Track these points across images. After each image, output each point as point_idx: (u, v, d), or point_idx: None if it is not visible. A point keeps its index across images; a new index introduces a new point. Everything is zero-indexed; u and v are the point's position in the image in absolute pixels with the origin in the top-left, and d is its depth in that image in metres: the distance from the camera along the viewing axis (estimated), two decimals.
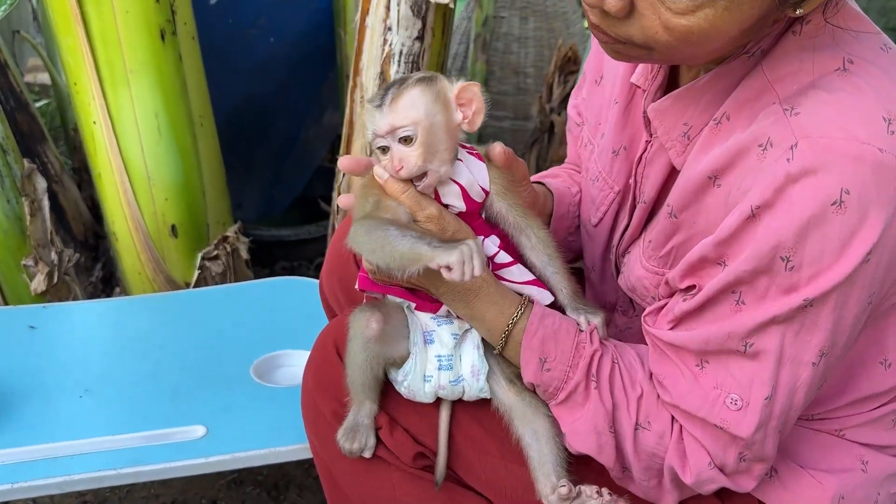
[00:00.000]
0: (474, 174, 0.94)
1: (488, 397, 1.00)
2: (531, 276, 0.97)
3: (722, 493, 0.95)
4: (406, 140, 0.88)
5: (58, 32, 1.94)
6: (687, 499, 0.97)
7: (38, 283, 2.02)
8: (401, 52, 1.72)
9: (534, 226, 0.98)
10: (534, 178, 1.24)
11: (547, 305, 0.98)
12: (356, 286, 1.03)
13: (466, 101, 0.91)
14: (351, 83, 1.84)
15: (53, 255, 2.06)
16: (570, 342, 0.93)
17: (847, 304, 0.80)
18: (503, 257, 0.96)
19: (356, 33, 1.78)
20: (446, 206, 0.94)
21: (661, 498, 0.95)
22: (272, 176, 2.75)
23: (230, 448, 1.30)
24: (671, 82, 0.98)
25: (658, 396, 0.92)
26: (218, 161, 2.27)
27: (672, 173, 0.96)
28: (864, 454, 0.98)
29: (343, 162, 1.00)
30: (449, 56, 1.97)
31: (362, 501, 1.08)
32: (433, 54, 1.76)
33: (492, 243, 0.96)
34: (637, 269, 0.99)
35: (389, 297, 1.01)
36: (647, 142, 1.00)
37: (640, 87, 1.01)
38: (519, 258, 0.98)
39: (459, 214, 0.95)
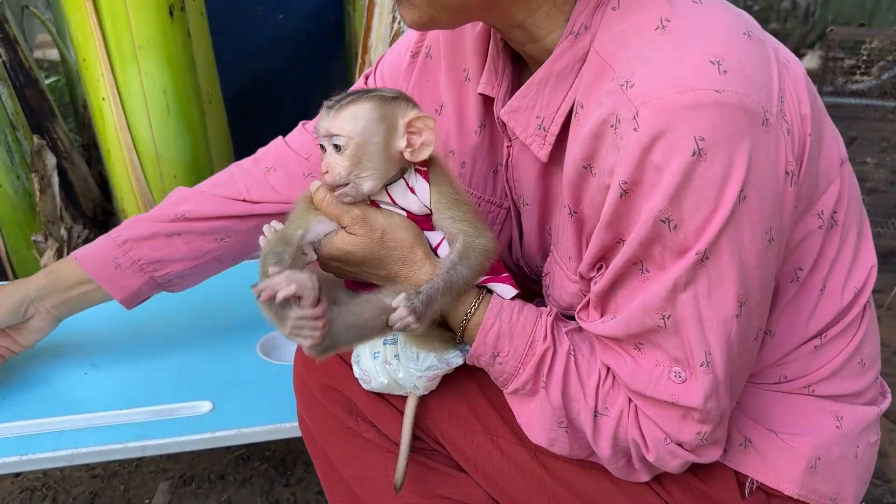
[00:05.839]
0: (418, 194, 0.95)
1: (420, 391, 1.01)
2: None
3: (696, 467, 0.95)
4: (337, 148, 0.90)
5: (66, 8, 1.93)
6: (663, 475, 0.97)
7: (48, 259, 2.04)
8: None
9: (465, 236, 0.94)
10: None
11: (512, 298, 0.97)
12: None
13: (417, 130, 0.91)
14: (359, 61, 1.84)
15: (63, 232, 2.07)
16: (524, 339, 0.93)
17: (743, 246, 0.80)
18: None
19: (365, 11, 1.78)
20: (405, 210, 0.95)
21: (633, 476, 0.96)
22: None
23: (236, 423, 1.31)
24: (517, 86, 0.98)
25: (615, 380, 0.92)
26: (226, 138, 2.27)
27: (542, 169, 0.98)
28: (839, 409, 0.97)
29: None
30: None
31: (356, 482, 1.10)
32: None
33: None
34: (569, 287, 0.98)
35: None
36: (508, 146, 1.01)
37: (488, 96, 1.02)
38: None
39: (412, 218, 0.95)
